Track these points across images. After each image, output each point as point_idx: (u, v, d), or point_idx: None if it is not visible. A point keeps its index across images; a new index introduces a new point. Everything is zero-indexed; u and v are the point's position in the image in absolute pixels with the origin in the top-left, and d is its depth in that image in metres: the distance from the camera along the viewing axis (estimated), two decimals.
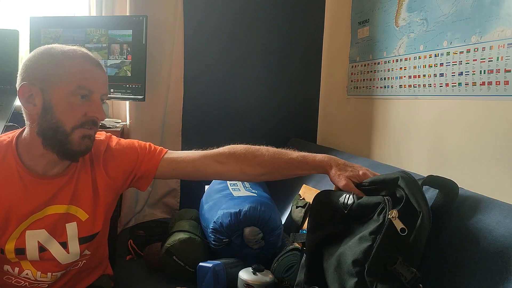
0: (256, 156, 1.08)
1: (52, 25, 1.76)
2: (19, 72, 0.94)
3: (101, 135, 1.10)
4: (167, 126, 2.00)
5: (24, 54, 1.93)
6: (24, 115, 0.95)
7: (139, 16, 1.73)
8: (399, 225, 0.80)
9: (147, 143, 1.14)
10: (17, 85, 0.93)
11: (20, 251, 0.97)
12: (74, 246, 1.02)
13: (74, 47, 0.95)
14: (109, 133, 1.13)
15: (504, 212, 0.84)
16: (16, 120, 1.64)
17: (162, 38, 1.92)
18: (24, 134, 0.97)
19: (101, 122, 0.98)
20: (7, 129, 1.55)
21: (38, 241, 0.97)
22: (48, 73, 0.91)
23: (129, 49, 1.73)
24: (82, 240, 1.03)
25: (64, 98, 0.90)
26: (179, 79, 1.98)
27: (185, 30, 1.96)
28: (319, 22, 2.17)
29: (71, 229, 1.01)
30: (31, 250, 0.97)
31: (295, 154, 1.07)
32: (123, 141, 1.13)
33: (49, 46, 0.95)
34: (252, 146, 1.11)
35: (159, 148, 1.13)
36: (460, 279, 0.82)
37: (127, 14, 1.85)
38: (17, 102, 1.70)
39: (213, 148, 1.12)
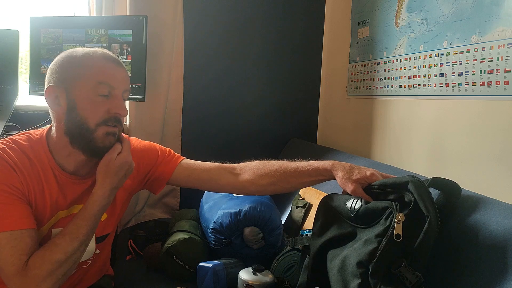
0: (265, 165, 1.11)
1: (52, 25, 1.76)
2: (46, 77, 0.97)
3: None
4: (167, 126, 2.00)
5: (24, 54, 1.94)
6: (51, 117, 0.97)
7: (139, 16, 1.73)
8: (397, 230, 0.80)
9: (168, 148, 1.17)
10: (44, 89, 0.96)
11: None
12: (90, 245, 1.02)
13: (95, 48, 0.98)
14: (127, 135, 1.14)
15: (504, 212, 0.84)
16: (16, 120, 1.64)
17: (162, 38, 1.91)
18: (51, 133, 0.98)
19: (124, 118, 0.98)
20: (7, 129, 1.55)
21: None
22: (70, 73, 0.94)
23: (129, 49, 1.73)
24: (98, 240, 1.05)
25: (86, 95, 0.92)
26: (179, 79, 1.98)
27: (185, 30, 1.96)
28: (319, 22, 2.17)
29: None
30: None
31: (302, 162, 1.09)
32: (144, 142, 1.16)
33: (72, 49, 0.98)
34: (266, 160, 1.14)
35: (178, 154, 1.17)
36: (460, 278, 0.82)
37: (127, 14, 1.85)
38: (17, 102, 1.71)
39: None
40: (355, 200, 0.93)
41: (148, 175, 1.12)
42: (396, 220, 0.81)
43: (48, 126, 1.01)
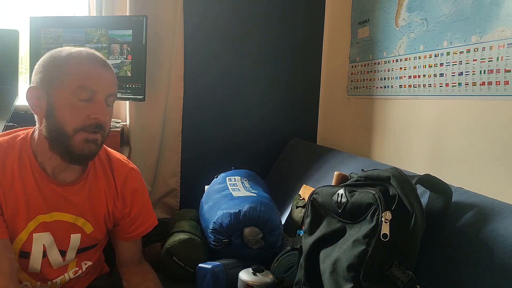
0: None
1: (52, 25, 1.76)
2: (31, 77, 0.94)
3: (126, 162, 1.09)
4: (167, 126, 2.00)
5: (24, 54, 1.93)
6: (35, 118, 0.95)
7: (139, 16, 1.73)
8: (384, 229, 0.79)
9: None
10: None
11: (25, 255, 0.96)
12: (70, 254, 1.02)
13: (82, 48, 0.93)
14: (135, 167, 1.11)
15: (504, 212, 0.84)
16: (16, 120, 1.64)
17: (162, 38, 1.91)
18: (34, 134, 0.96)
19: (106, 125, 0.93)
20: (7, 129, 1.55)
21: (43, 244, 0.97)
22: (52, 75, 0.89)
23: (129, 49, 1.73)
24: (79, 250, 1.03)
25: (66, 99, 0.88)
26: (179, 78, 1.98)
27: (185, 30, 1.96)
28: (319, 22, 2.17)
29: (75, 240, 1.01)
30: (36, 254, 0.97)
31: None
32: (147, 198, 1.14)
33: (58, 49, 0.93)
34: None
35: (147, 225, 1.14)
36: (460, 279, 0.82)
37: (127, 14, 1.85)
38: (17, 102, 1.71)
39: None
40: (340, 194, 0.92)
41: (125, 211, 1.08)
42: (383, 220, 0.80)
43: (34, 126, 0.98)
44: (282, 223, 1.35)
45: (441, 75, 1.36)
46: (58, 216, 0.97)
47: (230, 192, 1.44)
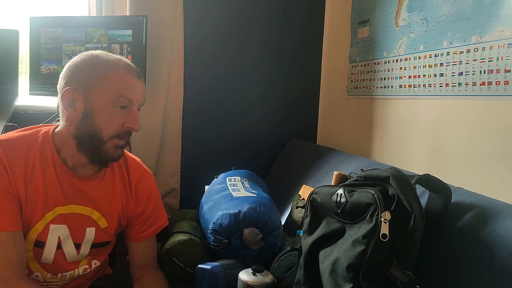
0: None
1: (52, 25, 1.76)
2: (62, 75, 0.97)
3: (141, 164, 1.14)
4: (167, 126, 2.00)
5: (24, 54, 1.94)
6: (60, 115, 0.99)
7: (139, 16, 1.73)
8: (384, 229, 0.79)
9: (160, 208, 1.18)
10: (60, 88, 0.97)
11: (40, 244, 0.98)
12: (85, 249, 1.04)
13: (117, 57, 0.99)
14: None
15: (504, 212, 0.83)
16: (16, 120, 1.64)
17: (162, 38, 1.92)
18: (58, 129, 1.00)
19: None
20: (7, 129, 1.55)
21: (59, 236, 0.99)
22: (92, 81, 0.94)
23: (129, 49, 1.73)
24: (94, 245, 1.05)
25: (105, 107, 0.93)
26: (179, 79, 1.98)
27: (185, 30, 1.96)
28: (319, 22, 2.17)
29: (90, 233, 1.04)
30: (50, 245, 0.99)
31: None
32: (159, 199, 1.18)
33: (95, 53, 0.98)
34: None
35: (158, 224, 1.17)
36: (460, 280, 0.82)
37: (127, 14, 1.85)
38: (17, 102, 1.71)
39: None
40: (340, 194, 0.92)
41: (139, 211, 1.12)
42: (383, 220, 0.79)
43: (57, 124, 1.02)
44: (282, 224, 1.35)
45: (441, 75, 1.36)
46: (75, 208, 1.00)
47: (230, 193, 1.44)
